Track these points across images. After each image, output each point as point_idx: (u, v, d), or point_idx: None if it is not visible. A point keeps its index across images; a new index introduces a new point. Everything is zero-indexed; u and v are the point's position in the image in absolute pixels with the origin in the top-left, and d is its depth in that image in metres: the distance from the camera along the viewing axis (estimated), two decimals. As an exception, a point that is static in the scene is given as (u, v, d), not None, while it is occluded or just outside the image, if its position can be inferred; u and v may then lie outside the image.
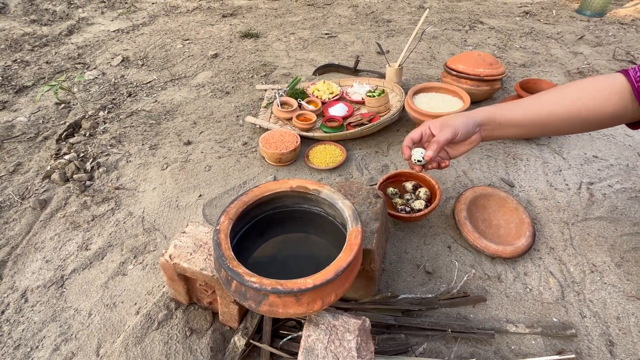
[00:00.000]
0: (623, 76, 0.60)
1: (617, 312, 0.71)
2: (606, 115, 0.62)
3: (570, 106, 0.62)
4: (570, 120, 0.64)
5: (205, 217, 0.96)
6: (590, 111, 0.62)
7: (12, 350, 0.69)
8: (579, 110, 0.62)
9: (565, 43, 1.93)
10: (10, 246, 0.90)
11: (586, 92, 0.62)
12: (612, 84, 0.61)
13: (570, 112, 0.63)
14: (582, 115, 0.62)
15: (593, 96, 0.61)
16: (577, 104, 0.62)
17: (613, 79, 0.61)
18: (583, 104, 0.62)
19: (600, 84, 0.62)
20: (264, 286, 0.45)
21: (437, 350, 0.66)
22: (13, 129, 1.35)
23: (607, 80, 0.61)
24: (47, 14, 2.45)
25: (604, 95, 0.61)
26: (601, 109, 0.61)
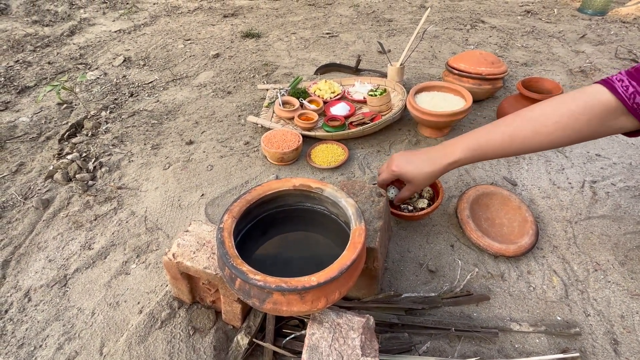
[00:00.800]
0: (607, 91, 0.55)
1: (621, 311, 0.71)
2: (590, 136, 0.59)
3: (549, 135, 0.60)
4: (550, 147, 0.63)
5: (208, 216, 0.96)
6: (567, 140, 0.60)
7: (16, 350, 0.69)
8: (558, 139, 0.60)
9: (567, 42, 1.92)
10: (14, 246, 0.90)
11: (563, 121, 0.58)
12: (592, 107, 0.56)
13: (549, 140, 0.61)
14: (562, 143, 0.61)
15: (571, 126, 0.58)
16: (556, 134, 0.60)
17: (593, 99, 0.56)
18: (562, 133, 0.59)
19: (579, 109, 0.57)
20: (268, 284, 0.45)
21: (441, 349, 0.66)
22: (15, 129, 1.35)
23: (587, 103, 0.56)
24: (48, 15, 2.45)
25: (582, 122, 0.57)
26: (583, 134, 0.59)
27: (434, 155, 0.68)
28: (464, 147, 0.65)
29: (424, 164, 0.68)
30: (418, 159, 0.70)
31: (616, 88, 0.55)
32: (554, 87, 1.16)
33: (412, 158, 0.71)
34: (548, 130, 0.59)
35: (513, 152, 0.64)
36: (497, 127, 0.64)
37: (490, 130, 0.65)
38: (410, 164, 0.70)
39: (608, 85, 0.56)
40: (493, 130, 0.64)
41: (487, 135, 0.64)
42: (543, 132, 0.59)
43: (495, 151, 0.64)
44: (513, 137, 0.62)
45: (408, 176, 0.70)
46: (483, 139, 0.64)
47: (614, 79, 0.56)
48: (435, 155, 0.68)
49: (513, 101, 1.19)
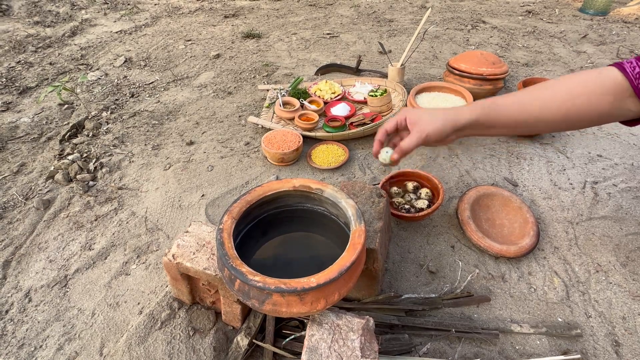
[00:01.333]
0: (618, 72, 0.56)
1: (622, 312, 0.70)
2: (598, 116, 0.58)
3: (560, 107, 0.58)
4: (559, 121, 0.60)
5: (208, 216, 0.96)
6: (581, 112, 0.58)
7: (16, 350, 0.69)
8: (568, 112, 0.58)
9: (568, 42, 1.92)
10: (14, 246, 0.90)
11: (576, 91, 0.58)
12: (603, 82, 0.57)
13: (560, 113, 0.59)
14: (571, 117, 0.58)
15: (584, 97, 0.57)
16: (566, 104, 0.58)
17: (606, 76, 0.57)
18: (572, 104, 0.58)
19: (592, 82, 0.57)
20: (267, 285, 0.45)
21: (441, 351, 0.66)
22: (17, 130, 1.35)
23: (599, 78, 0.57)
24: (50, 16, 2.46)
25: (595, 95, 0.56)
26: (592, 110, 0.57)
27: (447, 112, 0.64)
28: (476, 106, 0.62)
29: (437, 114, 0.63)
30: (432, 110, 0.65)
31: (625, 68, 0.56)
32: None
33: (425, 109, 0.66)
34: (564, 96, 0.58)
35: (526, 120, 0.60)
36: (511, 95, 0.62)
37: (504, 96, 0.63)
38: (424, 111, 0.65)
39: (619, 67, 0.56)
40: (507, 96, 0.62)
41: (503, 98, 0.62)
42: (559, 98, 0.58)
43: (508, 115, 0.60)
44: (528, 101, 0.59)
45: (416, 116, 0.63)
46: (500, 100, 0.62)
47: (625, 62, 0.57)
48: (448, 112, 0.64)
49: (514, 101, 1.18)
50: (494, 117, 0.61)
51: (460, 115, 0.62)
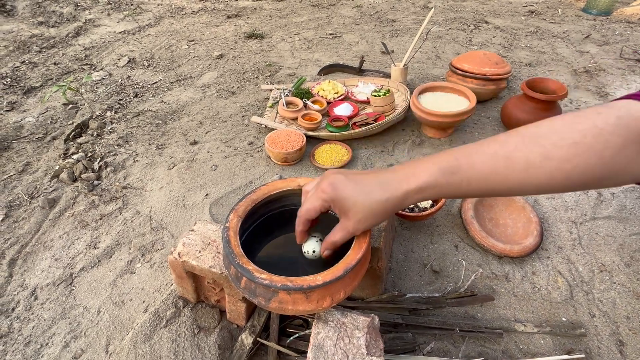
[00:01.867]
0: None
1: (627, 312, 0.70)
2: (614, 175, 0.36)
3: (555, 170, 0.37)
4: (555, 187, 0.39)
5: (212, 216, 0.96)
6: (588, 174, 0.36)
7: (23, 347, 0.70)
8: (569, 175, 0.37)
9: (571, 42, 1.92)
10: (20, 244, 0.91)
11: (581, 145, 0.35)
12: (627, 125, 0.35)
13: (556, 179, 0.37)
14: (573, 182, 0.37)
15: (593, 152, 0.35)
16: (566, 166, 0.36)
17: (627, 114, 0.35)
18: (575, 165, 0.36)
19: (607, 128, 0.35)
20: (273, 283, 0.45)
21: (445, 350, 0.66)
22: (22, 129, 1.36)
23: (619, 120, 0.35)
24: (54, 16, 2.47)
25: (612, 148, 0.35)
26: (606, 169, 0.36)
27: (388, 178, 0.43)
28: (434, 168, 0.41)
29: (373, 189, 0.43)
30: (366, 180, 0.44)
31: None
32: (559, 87, 1.15)
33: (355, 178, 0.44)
34: (563, 154, 0.36)
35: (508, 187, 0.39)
36: (485, 146, 0.40)
37: (476, 149, 0.41)
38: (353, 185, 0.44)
39: None
40: (480, 150, 0.40)
41: (471, 156, 0.40)
42: (555, 157, 0.36)
43: (481, 180, 0.40)
44: (511, 161, 0.38)
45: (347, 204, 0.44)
46: (464, 159, 0.40)
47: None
48: (390, 178, 0.43)
49: (517, 102, 1.18)
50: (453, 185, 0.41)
51: (410, 181, 0.42)
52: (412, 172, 0.42)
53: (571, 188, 0.38)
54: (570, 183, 0.37)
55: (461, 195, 0.42)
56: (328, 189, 0.44)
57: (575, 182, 0.37)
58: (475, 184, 0.40)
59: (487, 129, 1.26)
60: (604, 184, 0.38)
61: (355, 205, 0.44)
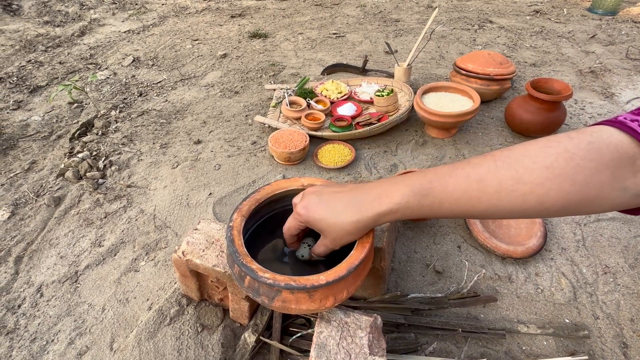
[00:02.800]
0: (622, 133, 0.35)
1: (631, 314, 0.70)
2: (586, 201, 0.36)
3: (528, 194, 0.37)
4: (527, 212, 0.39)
5: (216, 215, 0.97)
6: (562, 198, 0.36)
7: (29, 344, 0.70)
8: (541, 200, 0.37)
9: (576, 42, 1.90)
10: (26, 242, 0.92)
11: (554, 169, 0.36)
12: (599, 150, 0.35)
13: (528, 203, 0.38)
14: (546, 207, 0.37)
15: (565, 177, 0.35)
16: (538, 190, 0.37)
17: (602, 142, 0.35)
18: (548, 190, 0.36)
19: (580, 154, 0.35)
20: (277, 282, 0.45)
21: (447, 350, 0.66)
22: (28, 128, 1.37)
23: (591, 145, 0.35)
24: (59, 15, 2.49)
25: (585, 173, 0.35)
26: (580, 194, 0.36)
27: (360, 198, 0.45)
28: (406, 190, 0.42)
29: (344, 210, 0.45)
30: (338, 200, 0.46)
31: (633, 128, 0.35)
32: (563, 87, 1.15)
33: (328, 198, 0.47)
34: (535, 178, 0.36)
35: (481, 209, 0.40)
36: (459, 169, 0.41)
37: (449, 171, 0.42)
38: (324, 207, 0.46)
39: (618, 125, 0.36)
40: (454, 172, 0.41)
41: (444, 178, 0.41)
42: (527, 181, 0.37)
43: (453, 202, 0.41)
44: (483, 184, 0.39)
45: (320, 225, 0.47)
46: (437, 181, 0.41)
47: (620, 119, 0.36)
48: (362, 198, 0.45)
49: (521, 102, 1.18)
50: (424, 206, 0.42)
51: (382, 202, 0.43)
52: (385, 193, 0.43)
53: (548, 214, 0.39)
54: (544, 208, 0.38)
55: (434, 216, 0.44)
56: (302, 212, 0.48)
57: (550, 207, 0.37)
58: (447, 206, 0.41)
59: (490, 129, 1.26)
60: (583, 211, 0.38)
61: (328, 227, 0.46)
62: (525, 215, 0.39)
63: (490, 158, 0.40)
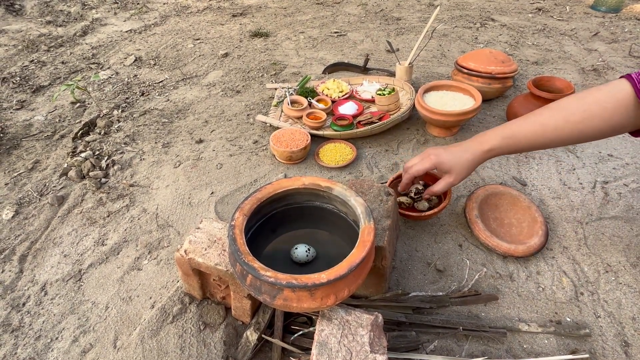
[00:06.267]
0: (627, 82, 0.59)
1: (632, 313, 0.70)
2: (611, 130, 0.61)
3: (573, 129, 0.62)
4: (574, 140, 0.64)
5: (217, 213, 0.97)
6: (595, 130, 0.62)
7: (34, 341, 0.71)
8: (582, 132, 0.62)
9: (579, 40, 1.89)
10: (30, 241, 0.93)
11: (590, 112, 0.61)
12: (616, 96, 0.59)
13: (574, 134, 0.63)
14: (586, 135, 0.63)
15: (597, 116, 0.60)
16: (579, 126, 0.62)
17: (617, 89, 0.59)
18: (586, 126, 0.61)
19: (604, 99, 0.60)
20: (279, 280, 0.46)
21: (448, 348, 0.66)
22: (31, 128, 1.38)
23: (611, 92, 0.60)
24: (62, 15, 2.50)
25: (608, 111, 0.60)
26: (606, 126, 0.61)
27: (469, 145, 0.70)
28: (497, 136, 0.68)
29: (462, 153, 0.69)
30: (456, 149, 0.71)
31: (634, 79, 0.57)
32: (566, 86, 1.14)
33: (450, 149, 0.71)
34: (577, 119, 0.61)
35: (545, 142, 0.65)
36: (528, 118, 0.67)
37: (522, 120, 0.67)
38: (448, 153, 0.70)
39: (629, 78, 0.59)
40: (525, 121, 0.67)
41: (520, 125, 0.67)
42: (572, 120, 0.62)
43: (528, 140, 0.66)
44: (545, 125, 0.64)
45: (447, 165, 0.70)
46: (516, 127, 0.67)
47: (633, 74, 0.59)
48: (470, 145, 0.70)
49: (523, 100, 1.18)
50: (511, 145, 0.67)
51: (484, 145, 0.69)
52: (485, 140, 0.69)
53: (585, 139, 0.64)
54: (583, 136, 0.63)
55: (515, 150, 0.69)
56: (433, 157, 0.71)
57: (588, 134, 0.63)
58: (524, 142, 0.67)
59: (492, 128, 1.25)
60: (607, 135, 0.63)
61: (455, 165, 0.70)
62: (570, 142, 0.65)
63: (548, 109, 0.66)
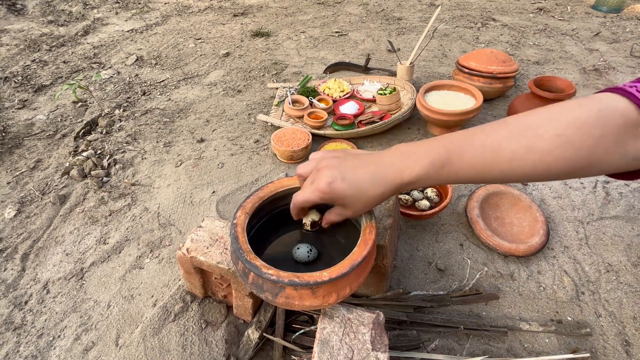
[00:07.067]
0: (627, 100, 0.37)
1: (633, 312, 0.70)
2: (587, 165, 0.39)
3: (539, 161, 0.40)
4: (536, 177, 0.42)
5: (219, 213, 0.97)
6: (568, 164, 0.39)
7: (36, 339, 0.72)
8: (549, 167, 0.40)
9: (580, 40, 1.89)
10: (32, 239, 0.93)
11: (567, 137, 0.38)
12: (606, 117, 0.37)
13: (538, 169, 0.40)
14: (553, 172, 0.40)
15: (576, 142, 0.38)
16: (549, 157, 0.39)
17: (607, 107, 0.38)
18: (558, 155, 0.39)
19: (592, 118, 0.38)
20: (281, 278, 0.46)
21: (449, 347, 0.66)
22: (33, 127, 1.39)
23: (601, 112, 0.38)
24: (63, 15, 2.51)
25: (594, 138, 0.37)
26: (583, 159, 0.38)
27: (383, 172, 0.46)
28: (426, 162, 0.44)
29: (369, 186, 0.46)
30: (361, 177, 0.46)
31: (634, 94, 0.37)
32: (567, 86, 1.14)
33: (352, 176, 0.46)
34: (546, 146, 0.39)
35: (493, 177, 0.43)
36: (475, 138, 0.43)
37: (465, 139, 0.43)
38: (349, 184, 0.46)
39: (624, 93, 0.38)
40: (470, 141, 0.43)
41: (462, 148, 0.43)
42: (539, 149, 0.39)
43: (468, 171, 0.43)
44: (497, 153, 0.41)
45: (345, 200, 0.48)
46: (454, 152, 0.43)
47: (626, 86, 0.39)
48: (385, 172, 0.46)
49: (524, 100, 1.18)
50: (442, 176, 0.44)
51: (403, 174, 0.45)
52: (406, 166, 0.45)
53: (551, 178, 0.41)
54: (548, 174, 0.40)
55: (447, 183, 0.46)
56: (327, 189, 0.47)
57: (556, 172, 0.40)
58: (463, 174, 0.43)
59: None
60: (584, 174, 0.40)
61: (354, 202, 0.48)
62: (530, 180, 0.42)
63: (504, 126, 0.42)
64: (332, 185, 0.46)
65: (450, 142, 0.44)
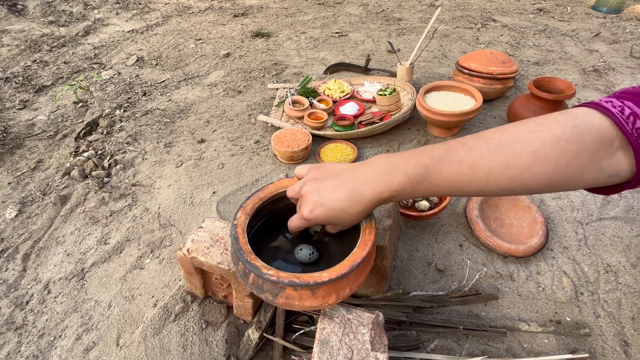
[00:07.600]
0: (601, 115, 0.38)
1: (632, 313, 0.70)
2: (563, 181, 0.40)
3: (514, 177, 0.41)
4: (511, 192, 0.43)
5: (219, 213, 0.98)
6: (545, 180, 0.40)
7: (37, 339, 0.72)
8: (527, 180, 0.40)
9: (580, 40, 1.90)
10: (33, 240, 0.93)
11: (544, 153, 0.39)
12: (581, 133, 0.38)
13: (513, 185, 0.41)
14: (528, 186, 0.41)
15: (553, 158, 0.38)
16: (525, 173, 0.40)
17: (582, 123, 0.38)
18: (535, 171, 0.40)
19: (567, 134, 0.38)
20: (281, 279, 0.46)
21: (449, 347, 0.66)
22: (34, 127, 1.39)
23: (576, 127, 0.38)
24: (64, 15, 2.51)
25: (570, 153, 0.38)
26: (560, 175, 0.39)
27: (359, 189, 0.48)
28: (404, 177, 0.45)
29: (349, 205, 0.48)
30: (340, 197, 0.48)
31: (609, 109, 0.38)
32: (567, 86, 1.15)
33: (331, 198, 0.48)
34: (522, 163, 0.39)
35: (470, 191, 0.44)
36: (453, 153, 0.44)
37: (443, 154, 0.44)
38: (328, 208, 0.48)
39: (599, 108, 0.38)
40: (448, 156, 0.44)
41: (440, 163, 0.44)
42: (515, 165, 0.40)
43: (445, 185, 0.44)
44: (474, 169, 0.42)
45: (329, 222, 0.51)
46: (432, 166, 0.44)
47: (602, 102, 0.40)
48: (363, 190, 0.48)
49: (524, 101, 1.18)
50: (418, 191, 0.46)
51: (381, 190, 0.47)
52: (384, 181, 0.47)
53: (526, 193, 0.43)
54: (523, 189, 0.42)
55: (424, 196, 0.49)
56: (310, 216, 0.50)
57: (532, 187, 0.41)
58: (440, 188, 0.45)
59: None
60: (559, 189, 0.41)
61: (338, 221, 0.51)
62: (506, 194, 0.44)
63: (483, 141, 0.43)
64: (313, 213, 0.49)
65: (430, 157, 0.45)
